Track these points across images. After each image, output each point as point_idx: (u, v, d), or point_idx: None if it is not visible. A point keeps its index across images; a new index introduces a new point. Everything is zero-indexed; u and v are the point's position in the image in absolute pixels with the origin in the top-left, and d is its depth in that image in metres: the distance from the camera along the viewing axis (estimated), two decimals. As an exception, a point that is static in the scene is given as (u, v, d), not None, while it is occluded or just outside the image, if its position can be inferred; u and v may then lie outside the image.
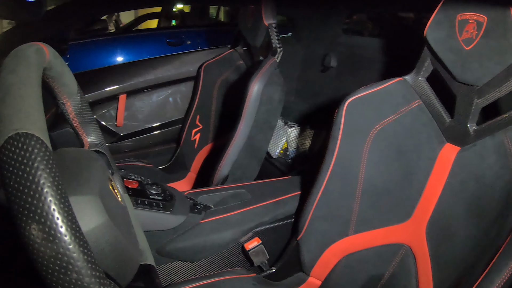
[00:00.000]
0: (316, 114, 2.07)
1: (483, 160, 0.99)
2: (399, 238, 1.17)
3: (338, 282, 1.26)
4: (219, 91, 2.10)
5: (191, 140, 2.18)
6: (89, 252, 0.42)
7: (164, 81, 2.21)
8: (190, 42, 3.62)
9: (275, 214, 1.35)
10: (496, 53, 0.92)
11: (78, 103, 0.75)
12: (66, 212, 0.41)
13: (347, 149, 1.16)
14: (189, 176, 2.18)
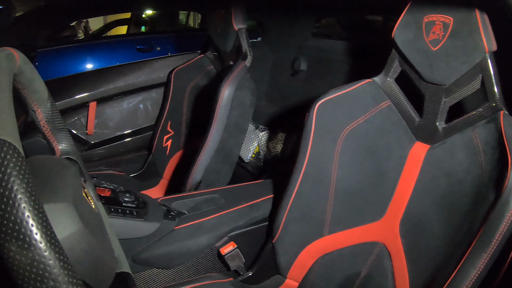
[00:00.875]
0: (287, 117, 2.09)
1: (453, 156, 1.01)
2: (373, 237, 1.18)
3: (315, 282, 1.27)
4: (190, 97, 2.09)
5: (162, 147, 2.16)
6: (65, 259, 0.41)
7: (135, 88, 2.19)
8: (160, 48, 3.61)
9: (249, 218, 1.35)
10: (462, 53, 0.94)
11: (48, 110, 0.74)
12: (41, 219, 0.40)
13: (319, 151, 1.17)
14: (161, 183, 2.17)
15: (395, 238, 1.12)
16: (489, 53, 0.92)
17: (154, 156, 2.19)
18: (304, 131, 1.17)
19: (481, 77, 0.95)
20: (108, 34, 5.17)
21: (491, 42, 0.91)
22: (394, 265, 1.13)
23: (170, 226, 1.20)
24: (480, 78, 0.95)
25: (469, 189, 0.96)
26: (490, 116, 0.95)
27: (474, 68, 0.94)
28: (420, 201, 1.08)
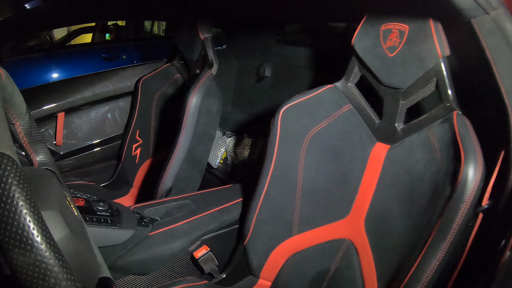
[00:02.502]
0: (253, 123, 2.11)
1: (412, 155, 1.06)
2: (340, 234, 1.22)
3: (287, 281, 1.30)
4: (158, 105, 2.11)
5: (132, 156, 2.16)
6: (63, 258, 0.44)
7: (102, 97, 2.17)
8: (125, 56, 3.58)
9: (220, 222, 1.37)
10: (418, 58, 1.00)
11: (27, 123, 0.75)
12: (40, 224, 0.43)
13: (285, 154, 1.21)
14: (132, 192, 2.16)
15: (361, 234, 1.17)
16: (443, 58, 0.97)
17: (123, 165, 2.18)
18: (270, 136, 1.21)
19: (435, 80, 1.00)
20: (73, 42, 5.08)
21: (444, 48, 0.96)
22: (361, 260, 1.17)
23: (144, 233, 1.21)
24: (434, 81, 1.00)
25: (428, 185, 1.01)
26: (444, 116, 1.00)
27: (429, 72, 1.00)
28: (383, 198, 1.12)
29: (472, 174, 0.88)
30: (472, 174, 0.88)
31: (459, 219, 0.87)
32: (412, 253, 0.99)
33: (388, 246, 1.09)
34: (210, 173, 2.15)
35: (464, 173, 0.88)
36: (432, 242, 0.90)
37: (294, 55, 1.93)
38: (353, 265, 1.19)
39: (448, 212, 0.89)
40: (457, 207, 0.88)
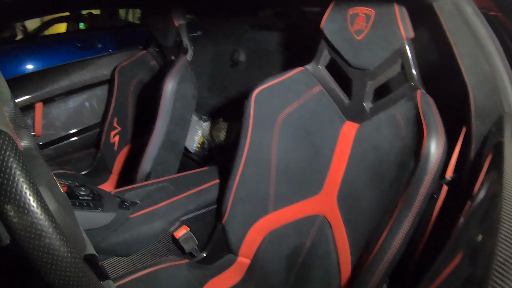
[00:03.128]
0: (228, 107, 2.13)
1: (379, 132, 1.11)
2: (314, 210, 1.27)
3: (265, 257, 1.34)
4: (134, 93, 2.12)
5: (110, 143, 2.17)
6: (55, 221, 0.48)
7: (80, 86, 2.16)
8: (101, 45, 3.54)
9: (198, 202, 1.40)
10: (383, 40, 1.04)
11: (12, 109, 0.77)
12: (35, 191, 0.47)
13: (259, 136, 1.25)
14: (111, 179, 2.17)
15: (334, 209, 1.21)
16: (407, 40, 1.02)
17: (102, 152, 2.19)
18: (244, 118, 1.25)
19: (400, 61, 1.05)
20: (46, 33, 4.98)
21: (408, 31, 1.01)
22: (334, 234, 1.21)
23: (125, 215, 1.22)
24: (400, 62, 1.05)
25: (394, 160, 1.06)
26: (409, 95, 1.05)
27: (394, 53, 1.04)
28: (353, 174, 1.17)
29: (434, 148, 0.92)
30: (434, 148, 0.92)
31: (423, 190, 0.92)
32: (381, 224, 1.04)
33: (359, 219, 1.14)
34: (187, 157, 2.17)
35: (427, 147, 0.93)
36: (399, 213, 0.95)
37: (268, 39, 1.95)
38: (327, 239, 1.23)
39: (413, 184, 0.94)
40: (421, 179, 0.92)
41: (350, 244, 1.16)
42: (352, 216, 1.17)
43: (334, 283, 1.19)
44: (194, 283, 1.26)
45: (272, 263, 1.33)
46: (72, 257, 0.49)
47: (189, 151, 2.18)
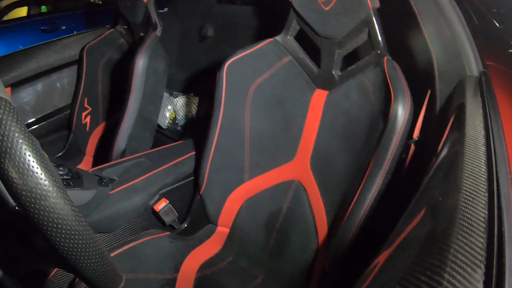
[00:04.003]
0: (199, 81, 2.13)
1: (348, 98, 1.14)
2: (289, 176, 1.30)
3: (244, 225, 1.37)
4: (104, 72, 2.09)
5: (82, 124, 2.15)
6: (59, 181, 0.49)
7: (48, 69, 2.12)
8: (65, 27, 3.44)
9: (176, 175, 1.42)
10: (350, 11, 1.06)
11: None
12: (37, 153, 0.48)
13: (231, 106, 1.26)
14: (85, 160, 2.17)
15: (308, 174, 1.24)
16: (373, 10, 1.04)
17: (74, 134, 2.17)
18: (216, 90, 1.26)
19: (367, 30, 1.07)
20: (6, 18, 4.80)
21: (374, 0, 1.03)
22: (310, 197, 1.25)
23: (105, 192, 1.23)
24: (366, 31, 1.07)
25: (363, 123, 1.10)
26: (376, 62, 1.08)
27: (361, 23, 1.06)
28: (325, 139, 1.20)
29: (401, 110, 0.96)
30: (401, 110, 0.96)
31: (392, 149, 0.96)
32: (353, 184, 1.08)
33: (332, 181, 1.17)
34: (160, 133, 2.17)
35: (394, 109, 0.97)
36: (371, 172, 0.98)
37: (235, 13, 1.95)
38: (303, 203, 1.27)
39: (382, 144, 0.97)
40: (390, 139, 0.96)
41: (325, 206, 1.19)
42: (326, 179, 1.20)
43: (312, 244, 1.23)
44: (177, 255, 1.28)
45: (251, 230, 1.37)
46: (76, 215, 0.50)
47: (161, 128, 2.18)
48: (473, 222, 0.46)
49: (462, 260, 0.41)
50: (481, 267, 0.40)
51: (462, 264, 0.40)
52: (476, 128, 0.72)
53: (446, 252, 0.42)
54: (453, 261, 0.40)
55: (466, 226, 0.46)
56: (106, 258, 0.56)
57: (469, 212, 0.48)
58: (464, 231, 0.45)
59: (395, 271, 0.47)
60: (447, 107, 1.01)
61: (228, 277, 1.29)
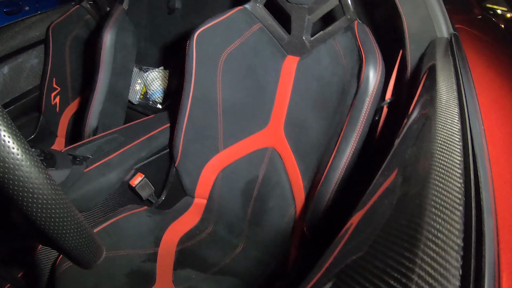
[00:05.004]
0: (168, 54, 2.09)
1: (320, 63, 1.13)
2: (263, 143, 1.29)
3: (221, 195, 1.37)
4: (71, 50, 2.03)
5: (51, 105, 2.10)
6: (31, 151, 0.47)
7: (12, 51, 2.04)
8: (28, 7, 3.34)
9: (150, 148, 1.40)
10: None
11: None
12: (7, 122, 0.45)
13: (203, 76, 1.24)
14: (58, 142, 2.12)
15: (282, 140, 1.24)
16: None
17: (44, 116, 2.12)
18: (187, 61, 1.24)
19: (337, -5, 1.06)
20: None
21: None
22: (285, 164, 1.25)
23: (80, 170, 1.21)
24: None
25: (336, 87, 1.09)
26: (347, 26, 1.07)
27: (332, -12, 1.05)
28: (297, 105, 1.20)
29: (373, 72, 0.96)
30: (373, 72, 0.96)
31: (365, 111, 0.96)
32: (328, 148, 1.08)
33: (307, 146, 1.17)
34: (132, 109, 2.13)
35: (366, 71, 0.97)
36: (345, 135, 0.99)
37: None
38: (278, 170, 1.27)
39: (356, 106, 0.98)
40: (363, 101, 0.96)
41: (300, 171, 1.20)
42: (300, 144, 1.20)
43: (290, 210, 1.24)
44: (156, 229, 1.27)
45: (228, 200, 1.36)
46: (50, 183, 0.49)
47: (133, 104, 2.14)
48: (449, 178, 0.46)
49: (440, 216, 0.40)
50: (460, 223, 0.39)
51: (440, 221, 0.39)
52: (447, 88, 0.72)
53: (422, 212, 0.41)
54: (431, 217, 0.40)
55: (441, 182, 0.45)
56: (85, 228, 0.55)
57: (444, 166, 0.48)
58: (440, 188, 0.45)
59: (369, 231, 0.47)
60: (418, 69, 1.01)
61: (208, 248, 1.29)
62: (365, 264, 0.41)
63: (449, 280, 0.33)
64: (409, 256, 0.37)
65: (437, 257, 0.35)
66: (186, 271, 1.16)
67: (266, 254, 1.29)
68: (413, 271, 0.35)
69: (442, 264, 0.35)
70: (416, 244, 0.38)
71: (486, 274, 0.36)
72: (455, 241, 0.37)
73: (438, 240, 0.37)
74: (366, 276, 0.39)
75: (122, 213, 1.25)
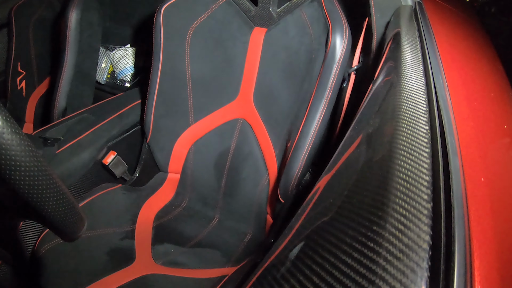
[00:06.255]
0: (134, 31, 2.06)
1: (287, 33, 1.14)
2: (233, 115, 1.30)
3: (194, 169, 1.37)
4: (36, 32, 1.97)
5: (17, 90, 2.03)
6: (12, 119, 0.46)
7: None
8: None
9: (121, 126, 1.39)
10: None
11: None
12: None
13: (171, 51, 1.24)
14: (26, 127, 2.06)
15: (252, 111, 1.25)
16: None
17: (11, 102, 2.06)
18: (154, 36, 1.23)
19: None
20: None
21: None
22: (256, 133, 1.26)
23: (52, 152, 1.19)
24: (303, -34, 1.06)
25: (304, 56, 1.10)
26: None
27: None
28: (266, 75, 1.20)
29: (340, 39, 0.98)
30: (340, 39, 0.98)
31: (333, 78, 0.98)
32: (298, 116, 1.09)
33: (277, 115, 1.18)
34: (100, 90, 2.09)
35: (333, 39, 0.98)
36: (314, 101, 1.00)
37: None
38: (250, 140, 1.28)
39: (324, 73, 0.99)
40: (330, 68, 0.98)
41: (272, 140, 1.21)
42: (270, 114, 1.21)
43: (263, 179, 1.25)
44: (132, 206, 1.27)
45: (201, 173, 1.37)
46: (32, 151, 0.48)
47: (100, 84, 2.10)
48: (415, 139, 0.46)
49: (406, 180, 0.41)
50: (429, 180, 0.40)
51: (407, 185, 0.40)
52: (412, 51, 0.73)
53: (390, 176, 0.42)
54: (398, 182, 0.41)
55: (406, 153, 0.46)
56: (68, 196, 0.54)
57: (409, 138, 0.49)
58: (406, 151, 0.45)
59: (334, 196, 0.48)
60: (384, 36, 1.02)
61: (184, 222, 1.30)
62: (331, 228, 0.42)
63: (419, 244, 0.33)
64: (376, 220, 0.37)
65: (407, 210, 0.36)
66: (164, 246, 1.16)
67: (243, 224, 1.30)
68: (382, 236, 0.35)
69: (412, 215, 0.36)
70: (383, 209, 0.38)
71: (456, 226, 0.36)
72: (423, 197, 0.38)
73: (405, 194, 0.38)
74: (331, 241, 0.40)
75: (97, 192, 1.24)
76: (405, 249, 0.33)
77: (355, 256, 0.36)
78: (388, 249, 0.34)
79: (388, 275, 0.32)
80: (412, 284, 0.31)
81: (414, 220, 0.35)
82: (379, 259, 0.34)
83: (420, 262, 0.32)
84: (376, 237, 0.36)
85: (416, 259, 0.32)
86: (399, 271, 0.32)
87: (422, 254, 0.32)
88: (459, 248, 0.34)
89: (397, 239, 0.34)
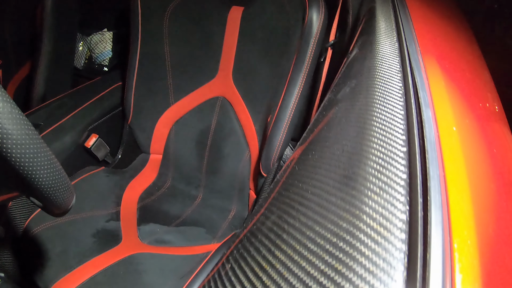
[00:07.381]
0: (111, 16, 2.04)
1: (264, 12, 1.15)
2: (213, 93, 1.30)
3: (175, 148, 1.38)
4: (11, 19, 1.93)
5: (-5, 79, 2.01)
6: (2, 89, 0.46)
7: None
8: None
9: (102, 108, 1.38)
10: None
11: None
12: None
13: (149, 32, 1.24)
14: (6, 117, 2.03)
15: (231, 88, 1.26)
16: None
17: (-12, 92, 2.02)
18: (132, 18, 1.23)
19: None
20: None
21: None
22: (236, 110, 1.27)
23: (33, 138, 1.18)
24: None
25: (281, 33, 1.11)
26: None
27: None
28: (245, 53, 1.21)
29: (316, 14, 1.00)
30: (316, 14, 1.00)
31: (310, 53, 0.99)
32: (277, 92, 1.10)
33: (257, 91, 1.20)
34: (78, 76, 2.06)
35: (310, 15, 1.00)
36: (292, 76, 1.02)
37: None
38: (230, 116, 1.29)
39: (301, 48, 1.01)
40: (308, 42, 1.00)
41: (252, 116, 1.22)
42: (250, 91, 1.22)
43: (245, 154, 1.26)
44: (115, 188, 1.27)
45: (183, 152, 1.37)
46: (23, 119, 0.48)
47: (78, 69, 2.08)
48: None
49: (383, 129, 0.42)
50: (403, 128, 0.42)
51: (384, 133, 0.42)
52: (386, 22, 0.75)
53: (367, 126, 0.43)
54: (375, 130, 0.42)
55: (384, 97, 0.47)
56: (57, 165, 0.54)
57: (385, 83, 0.51)
58: (382, 104, 0.47)
59: (307, 166, 0.50)
60: (359, 11, 1.04)
61: (168, 202, 1.30)
62: (303, 200, 0.43)
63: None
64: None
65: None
66: (150, 226, 1.17)
67: (226, 201, 1.31)
68: (363, 176, 0.37)
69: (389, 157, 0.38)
70: (362, 154, 0.40)
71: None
72: (399, 142, 0.39)
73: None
74: (303, 212, 0.41)
75: (80, 175, 1.24)
76: (384, 186, 0.35)
77: (338, 195, 0.38)
78: (368, 187, 0.36)
79: (371, 209, 0.34)
80: (393, 217, 0.32)
81: (391, 161, 0.37)
82: (360, 195, 0.36)
83: (399, 197, 0.34)
84: (356, 177, 0.37)
85: (395, 195, 0.34)
86: (380, 206, 0.34)
87: (400, 190, 0.34)
88: (434, 184, 0.35)
89: (376, 178, 0.36)
